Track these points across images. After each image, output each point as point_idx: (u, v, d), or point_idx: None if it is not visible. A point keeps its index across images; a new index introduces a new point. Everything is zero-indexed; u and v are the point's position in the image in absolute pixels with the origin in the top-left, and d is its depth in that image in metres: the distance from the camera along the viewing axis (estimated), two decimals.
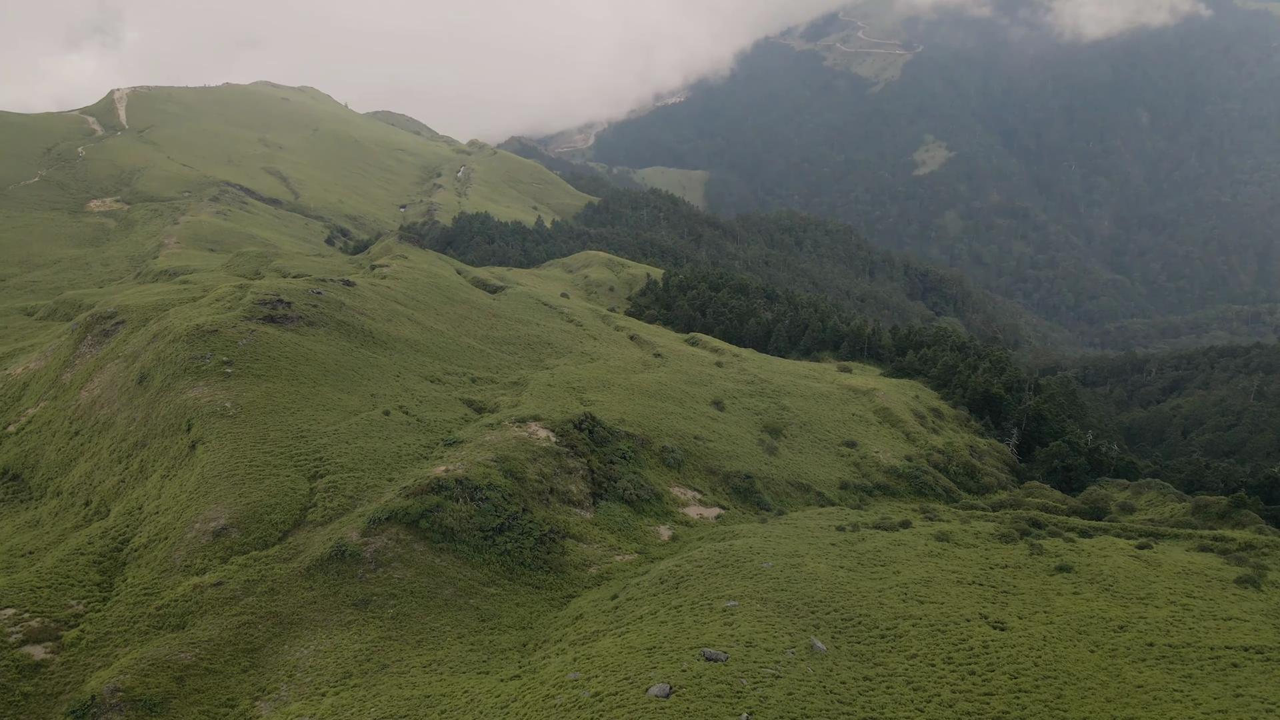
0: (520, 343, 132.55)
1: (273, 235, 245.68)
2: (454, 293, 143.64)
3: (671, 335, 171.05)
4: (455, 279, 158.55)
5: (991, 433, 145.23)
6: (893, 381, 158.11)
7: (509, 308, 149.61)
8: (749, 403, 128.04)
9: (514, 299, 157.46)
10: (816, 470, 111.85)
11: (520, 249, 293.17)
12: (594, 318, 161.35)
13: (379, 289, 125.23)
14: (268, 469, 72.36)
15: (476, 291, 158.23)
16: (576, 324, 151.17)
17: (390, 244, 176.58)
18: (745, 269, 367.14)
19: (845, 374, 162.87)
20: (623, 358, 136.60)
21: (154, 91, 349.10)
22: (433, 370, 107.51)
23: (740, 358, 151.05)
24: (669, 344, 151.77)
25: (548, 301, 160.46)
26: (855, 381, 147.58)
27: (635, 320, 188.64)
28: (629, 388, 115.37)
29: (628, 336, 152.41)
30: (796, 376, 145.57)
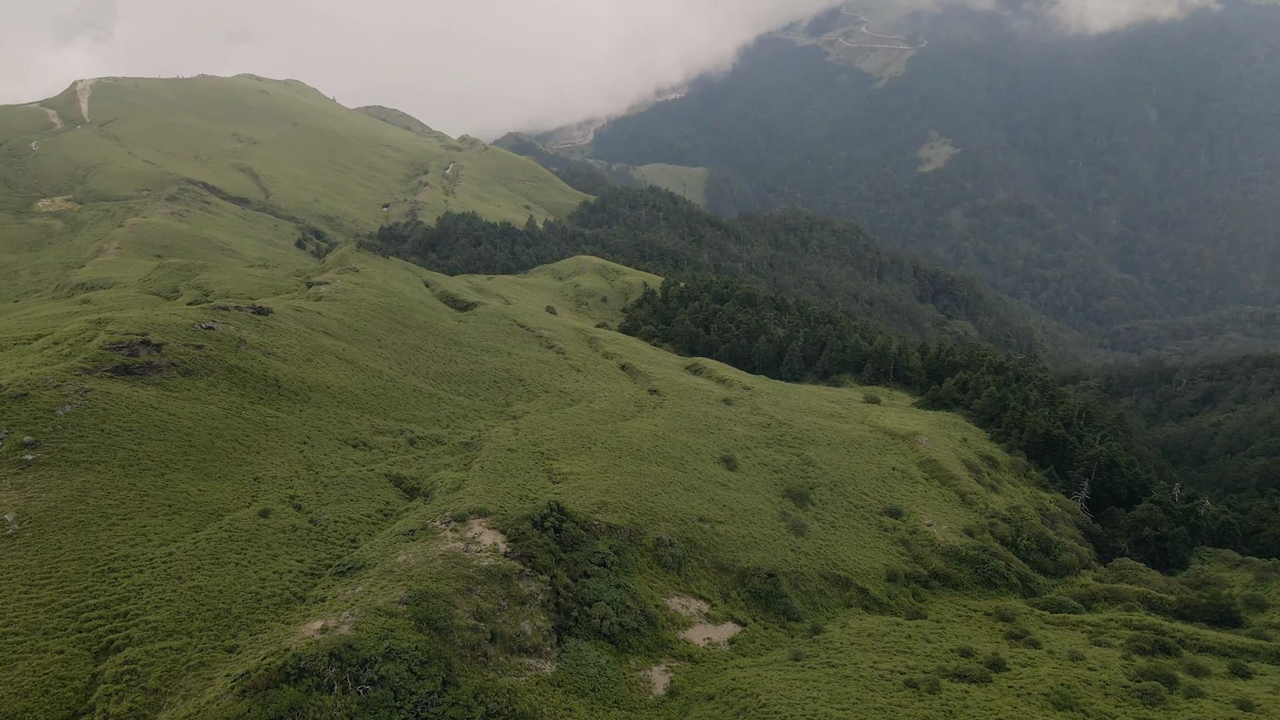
0: (485, 380, 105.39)
1: (233, 239, 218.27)
2: (409, 315, 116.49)
3: (671, 360, 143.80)
4: (416, 296, 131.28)
5: (1056, 484, 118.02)
6: (931, 417, 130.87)
7: (477, 332, 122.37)
8: (766, 455, 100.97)
9: (484, 320, 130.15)
10: (856, 554, 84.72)
11: (509, 252, 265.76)
12: (579, 341, 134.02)
13: (304, 317, 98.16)
14: (30, 640, 44.99)
15: (441, 310, 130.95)
16: (558, 351, 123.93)
17: (346, 252, 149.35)
18: (749, 271, 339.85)
19: (874, 406, 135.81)
20: (611, 396, 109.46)
21: (120, 83, 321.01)
22: (358, 429, 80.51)
23: (752, 391, 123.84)
24: (667, 374, 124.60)
25: (525, 323, 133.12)
26: (890, 421, 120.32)
27: (629, 339, 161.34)
28: (615, 446, 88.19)
29: (618, 367, 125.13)
30: (820, 416, 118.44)
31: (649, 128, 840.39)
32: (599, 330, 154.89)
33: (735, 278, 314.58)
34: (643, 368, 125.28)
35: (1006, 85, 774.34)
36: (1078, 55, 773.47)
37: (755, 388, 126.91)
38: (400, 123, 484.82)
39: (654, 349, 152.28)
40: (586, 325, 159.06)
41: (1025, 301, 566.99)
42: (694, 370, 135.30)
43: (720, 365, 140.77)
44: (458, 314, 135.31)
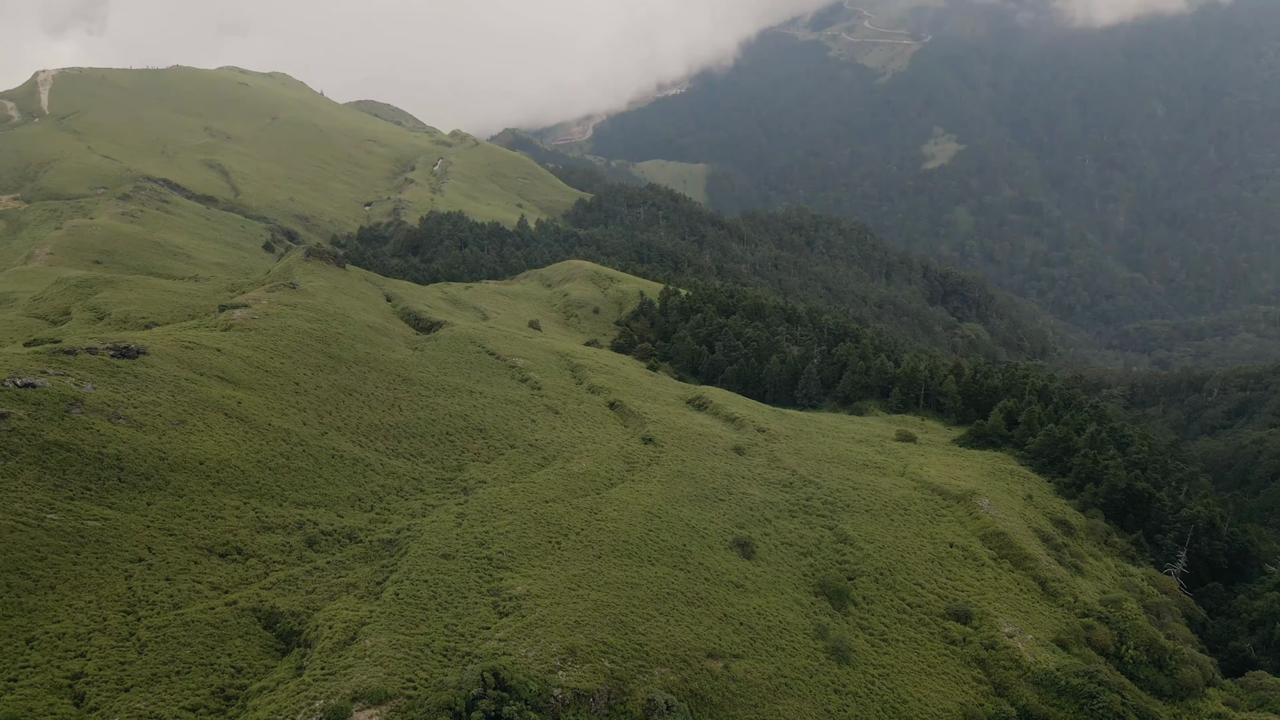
0: (434, 433, 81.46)
1: (190, 242, 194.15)
2: (348, 346, 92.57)
3: (670, 388, 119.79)
4: (366, 318, 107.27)
5: (1144, 555, 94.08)
6: (980, 462, 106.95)
7: (435, 363, 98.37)
8: (790, 530, 77.16)
9: (447, 347, 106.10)
10: (920, 689, 60.82)
11: (496, 254, 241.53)
12: (560, 370, 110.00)
13: (193, 357, 74.19)
14: None
15: (396, 335, 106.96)
16: (533, 386, 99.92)
17: (292, 262, 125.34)
18: (754, 273, 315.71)
19: (909, 445, 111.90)
20: (595, 449, 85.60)
21: (86, 73, 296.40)
22: (234, 526, 56.84)
23: (768, 434, 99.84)
24: (665, 413, 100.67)
25: (497, 349, 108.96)
26: (936, 472, 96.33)
27: (621, 360, 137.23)
28: (594, 539, 64.36)
29: (606, 405, 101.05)
30: (851, 467, 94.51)
31: (649, 123, 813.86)
32: (587, 351, 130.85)
33: (741, 283, 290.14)
34: (635, 405, 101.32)
35: (1012, 80, 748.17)
36: (1083, 50, 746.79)
37: (771, 428, 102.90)
38: (392, 118, 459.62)
39: (650, 375, 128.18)
40: (573, 345, 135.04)
41: (1032, 301, 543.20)
42: (697, 405, 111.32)
43: (728, 397, 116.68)
44: (417, 338, 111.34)
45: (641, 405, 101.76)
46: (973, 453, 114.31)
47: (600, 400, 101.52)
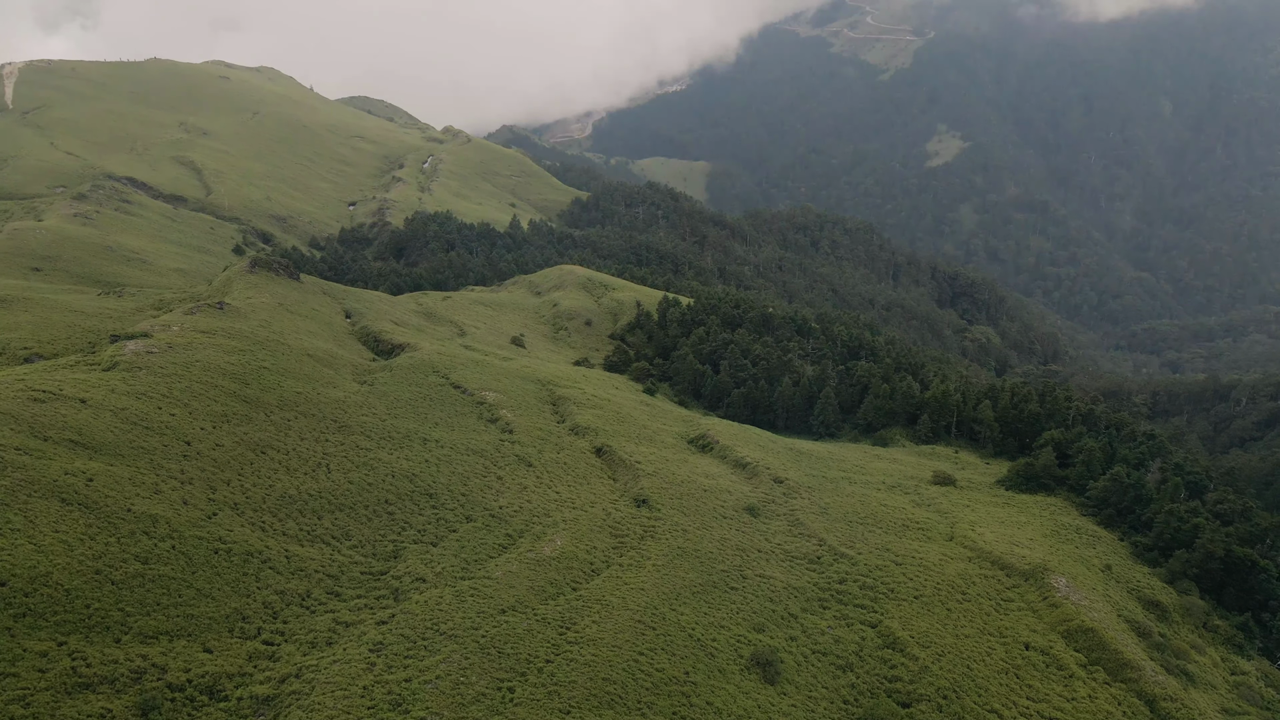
0: (369, 503, 62.81)
1: (149, 245, 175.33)
2: (273, 385, 73.85)
3: (669, 423, 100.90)
4: (309, 343, 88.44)
5: (1253, 643, 75.38)
6: (1039, 513, 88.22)
7: (383, 404, 79.54)
8: (823, 631, 58.61)
9: (404, 378, 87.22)
10: None
11: (485, 258, 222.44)
12: (539, 405, 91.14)
13: (37, 417, 55.19)
14: None
15: (343, 364, 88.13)
16: (503, 428, 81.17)
17: (233, 275, 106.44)
18: (757, 275, 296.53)
19: (949, 491, 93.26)
20: (574, 517, 66.97)
21: (55, 66, 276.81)
22: (22, 690, 38.24)
23: (787, 486, 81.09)
24: (663, 459, 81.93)
25: (463, 381, 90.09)
26: (992, 536, 77.51)
27: (614, 382, 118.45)
28: (560, 679, 45.79)
29: (592, 450, 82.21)
30: (890, 529, 75.76)
31: (649, 120, 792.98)
32: (573, 375, 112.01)
33: (744, 286, 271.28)
34: (627, 450, 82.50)
35: (1016, 77, 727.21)
36: (1088, 44, 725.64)
37: (790, 477, 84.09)
38: (385, 114, 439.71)
39: (646, 404, 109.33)
40: (559, 367, 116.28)
41: (1037, 300, 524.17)
42: (701, 445, 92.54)
43: (736, 434, 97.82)
44: (372, 365, 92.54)
45: (634, 450, 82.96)
46: (1023, 498, 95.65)
47: (585, 445, 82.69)
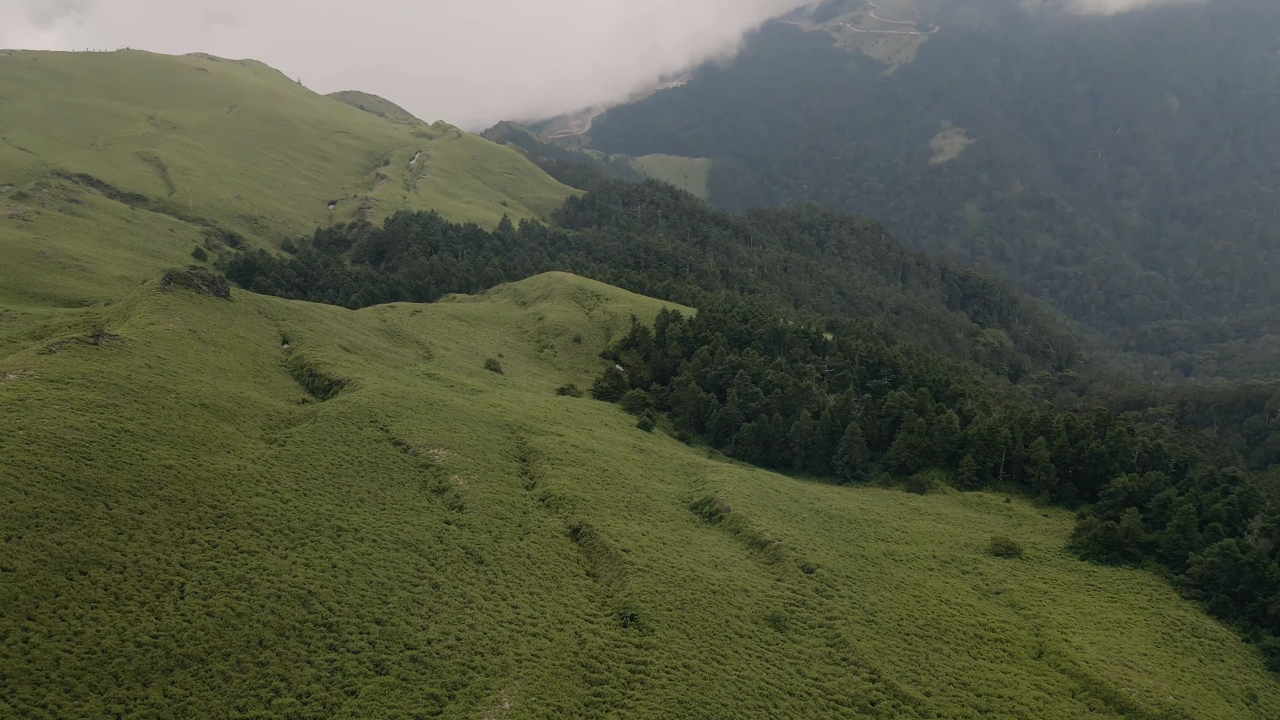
0: (231, 651, 43.34)
1: (95, 250, 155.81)
2: (129, 458, 54.54)
3: (669, 475, 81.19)
4: (207, 389, 68.91)
5: None
6: (1136, 602, 68.88)
7: (291, 475, 59.95)
8: None
9: (330, 434, 67.53)
10: None
11: (470, 261, 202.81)
12: (504, 461, 71.45)
13: None
14: None
15: (250, 416, 68.51)
16: (450, 503, 61.50)
17: (139, 296, 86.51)
18: (761, 277, 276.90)
19: (1015, 565, 73.90)
20: (534, 653, 47.63)
21: (15, 56, 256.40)
22: None
23: (819, 576, 61.68)
24: (659, 543, 62.52)
25: (406, 436, 70.32)
26: (1089, 648, 58.24)
27: (604, 417, 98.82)
28: None
29: (566, 531, 62.49)
30: (957, 643, 56.41)
31: (650, 117, 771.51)
32: (553, 411, 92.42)
33: (748, 289, 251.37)
34: (613, 529, 62.85)
35: (1021, 72, 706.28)
36: (1094, 39, 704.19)
37: (822, 564, 64.56)
38: (377, 109, 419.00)
39: (640, 448, 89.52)
40: (537, 399, 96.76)
41: (1045, 299, 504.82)
42: (707, 514, 72.88)
43: (750, 494, 78.16)
44: (294, 412, 72.80)
45: (622, 529, 63.29)
46: (1106, 573, 76.20)
47: (558, 524, 62.98)
